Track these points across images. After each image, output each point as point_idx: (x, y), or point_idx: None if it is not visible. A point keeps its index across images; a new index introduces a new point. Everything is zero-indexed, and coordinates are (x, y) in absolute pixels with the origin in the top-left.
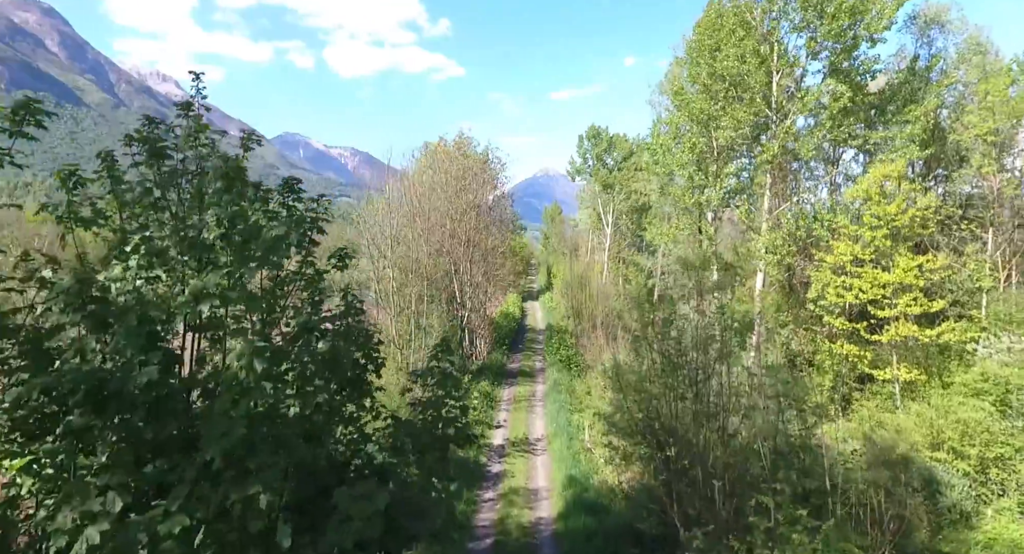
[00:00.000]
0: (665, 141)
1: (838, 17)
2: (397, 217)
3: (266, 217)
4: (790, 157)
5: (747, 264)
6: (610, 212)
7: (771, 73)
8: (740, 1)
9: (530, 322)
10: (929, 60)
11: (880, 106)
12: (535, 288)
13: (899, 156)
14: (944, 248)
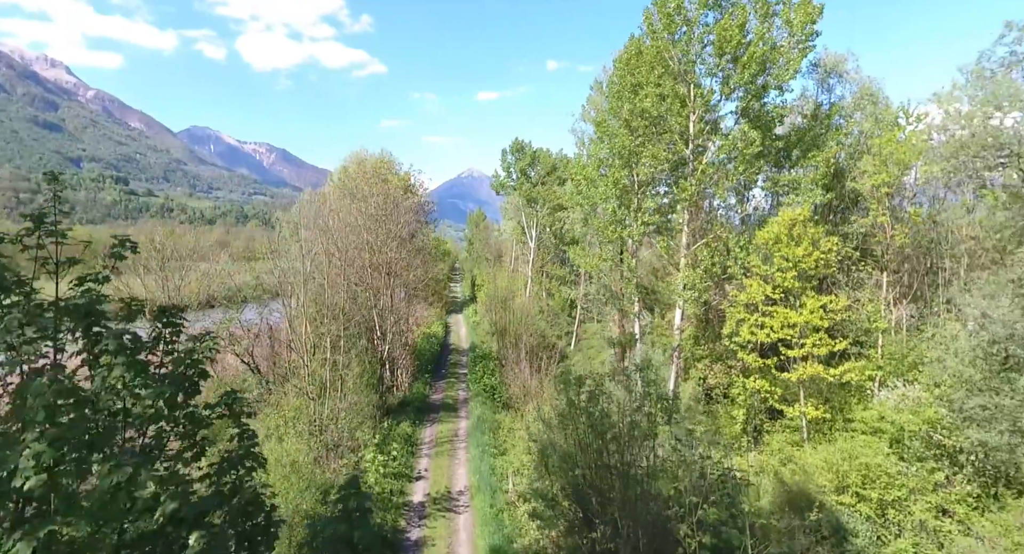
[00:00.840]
0: (588, 173)
1: (749, 66)
2: (311, 256)
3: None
4: (706, 197)
5: (666, 296)
6: (534, 226)
7: (689, 113)
8: (659, 40)
9: (454, 340)
10: (830, 107)
11: (787, 149)
12: (459, 299)
13: (804, 200)
14: (843, 286)
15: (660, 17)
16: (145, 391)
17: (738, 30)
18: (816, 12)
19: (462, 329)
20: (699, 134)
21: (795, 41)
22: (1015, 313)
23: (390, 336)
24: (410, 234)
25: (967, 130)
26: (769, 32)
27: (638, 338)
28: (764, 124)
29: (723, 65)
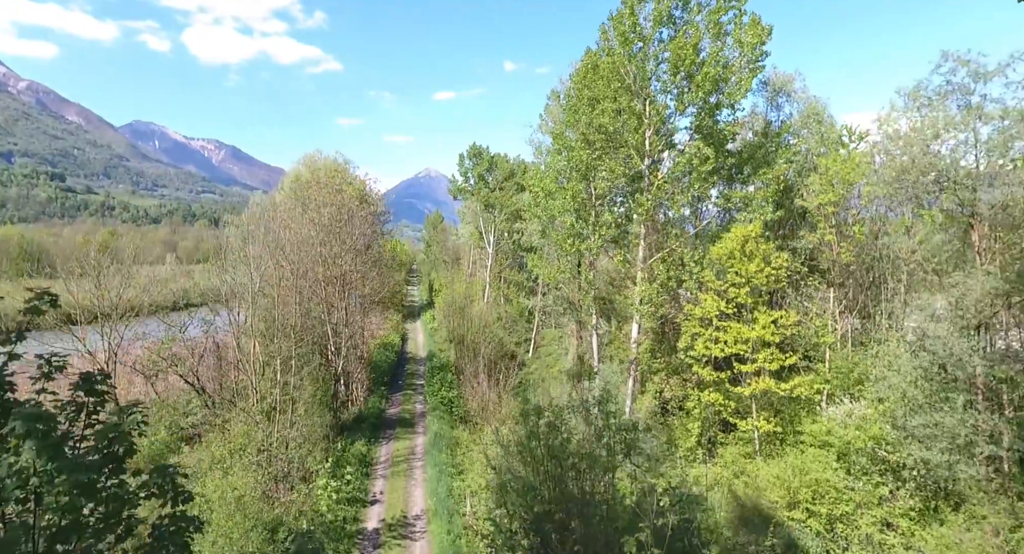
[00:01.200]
0: (546, 185)
1: (703, 85)
2: (260, 271)
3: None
4: (661, 210)
5: (623, 309)
6: (492, 232)
7: (644, 129)
8: (615, 56)
9: (411, 348)
10: (780, 126)
11: (739, 165)
12: (416, 303)
13: (756, 216)
14: (792, 300)
15: (616, 34)
16: (60, 477)
17: (692, 50)
18: (765, 33)
19: (419, 336)
20: (655, 149)
21: (746, 61)
22: (954, 336)
23: (344, 351)
24: (365, 245)
25: (907, 155)
26: (721, 52)
27: (596, 356)
28: (717, 141)
29: (678, 82)
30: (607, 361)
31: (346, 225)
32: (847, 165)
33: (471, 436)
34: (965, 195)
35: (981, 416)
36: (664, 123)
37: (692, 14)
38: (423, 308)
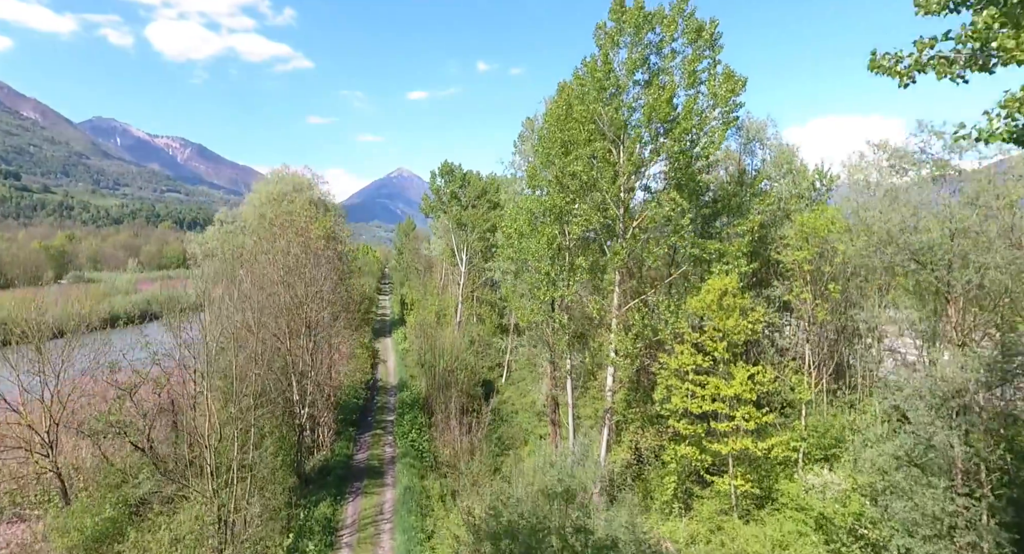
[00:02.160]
0: (519, 226)
1: (679, 140)
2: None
3: None
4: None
5: (598, 354)
6: (464, 250)
7: (619, 180)
8: (589, 103)
9: (382, 374)
10: (754, 175)
11: (714, 215)
12: (388, 316)
13: (731, 268)
14: (767, 352)
15: (590, 80)
16: None
17: (666, 103)
18: (739, 85)
19: (391, 358)
20: (629, 198)
21: (719, 113)
22: (936, 423)
23: (310, 398)
24: (333, 286)
25: (883, 226)
26: (696, 103)
27: (571, 412)
28: (692, 191)
29: (653, 132)
30: (582, 399)
31: (312, 269)
32: (822, 220)
33: (443, 487)
34: (940, 273)
35: (961, 500)
36: (638, 170)
37: (666, 61)
38: (394, 324)
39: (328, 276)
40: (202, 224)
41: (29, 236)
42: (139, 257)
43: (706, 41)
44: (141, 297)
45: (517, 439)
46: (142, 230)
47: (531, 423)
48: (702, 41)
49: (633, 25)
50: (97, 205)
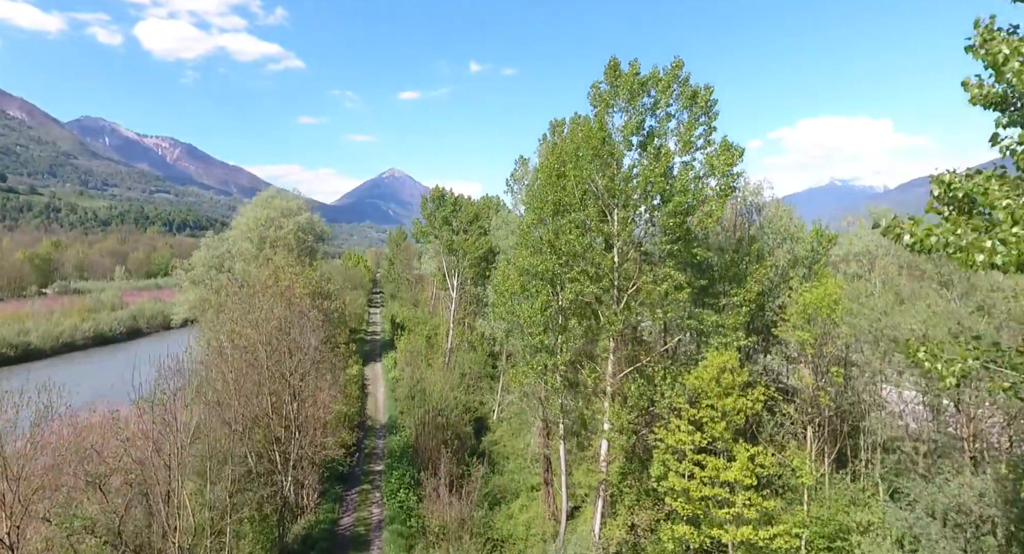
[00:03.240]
0: (511, 286)
1: (674, 215)
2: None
3: None
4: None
5: (592, 422)
6: (455, 276)
7: (613, 254)
8: (583, 169)
9: (371, 408)
10: (749, 244)
11: (710, 284)
12: (378, 335)
13: (730, 341)
14: (767, 429)
15: (584, 146)
16: None
17: (662, 177)
18: (737, 155)
19: (380, 389)
20: (624, 270)
21: (717, 186)
22: (950, 546)
23: (294, 468)
24: (319, 343)
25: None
26: (692, 172)
27: (564, 480)
28: (688, 266)
29: (649, 203)
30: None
31: (298, 334)
32: (824, 301)
33: None
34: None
35: None
36: (632, 239)
37: (662, 123)
38: (384, 347)
39: (315, 333)
40: (191, 226)
41: (14, 243)
42: (126, 264)
43: (701, 107)
44: (127, 313)
45: (508, 490)
46: (130, 235)
47: (523, 472)
48: (697, 107)
49: (627, 89)
50: (85, 207)
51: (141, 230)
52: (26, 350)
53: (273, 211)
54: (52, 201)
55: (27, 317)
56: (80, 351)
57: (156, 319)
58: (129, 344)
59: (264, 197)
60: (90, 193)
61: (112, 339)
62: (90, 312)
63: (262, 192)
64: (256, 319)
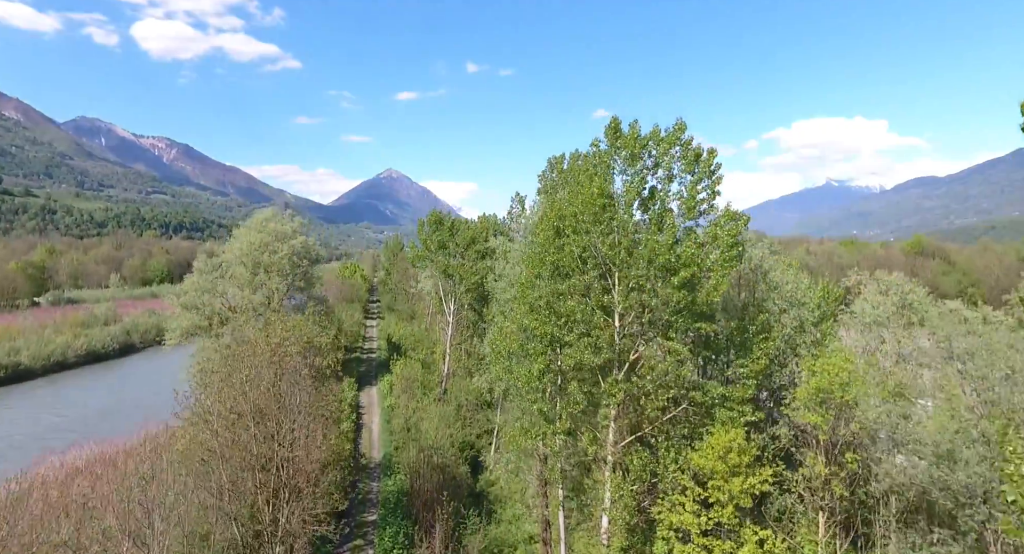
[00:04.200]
0: (511, 345)
1: (679, 290)
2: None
3: None
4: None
5: (593, 493)
6: (452, 300)
7: (612, 328)
8: (582, 236)
9: (365, 444)
10: (755, 315)
11: (715, 354)
12: (375, 354)
13: (736, 415)
14: (775, 506)
15: (586, 209)
16: None
17: (668, 249)
18: (742, 223)
19: (375, 419)
20: (625, 343)
21: (721, 258)
22: None
23: (282, 542)
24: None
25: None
26: (695, 242)
27: None
28: (693, 339)
29: (651, 276)
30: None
31: (288, 397)
32: (836, 377)
33: None
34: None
35: None
36: (635, 312)
37: (665, 184)
38: (380, 367)
39: (306, 393)
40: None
41: (8, 251)
42: (121, 271)
43: (704, 172)
44: (120, 328)
45: (506, 543)
46: (125, 240)
47: (520, 520)
48: (700, 172)
49: (628, 150)
50: (81, 208)
51: (137, 233)
52: (16, 371)
53: (268, 235)
54: (48, 203)
55: (18, 334)
56: (72, 370)
57: (150, 334)
58: (122, 361)
59: (259, 220)
60: (86, 195)
61: (104, 356)
62: (83, 328)
63: (257, 214)
64: (243, 381)
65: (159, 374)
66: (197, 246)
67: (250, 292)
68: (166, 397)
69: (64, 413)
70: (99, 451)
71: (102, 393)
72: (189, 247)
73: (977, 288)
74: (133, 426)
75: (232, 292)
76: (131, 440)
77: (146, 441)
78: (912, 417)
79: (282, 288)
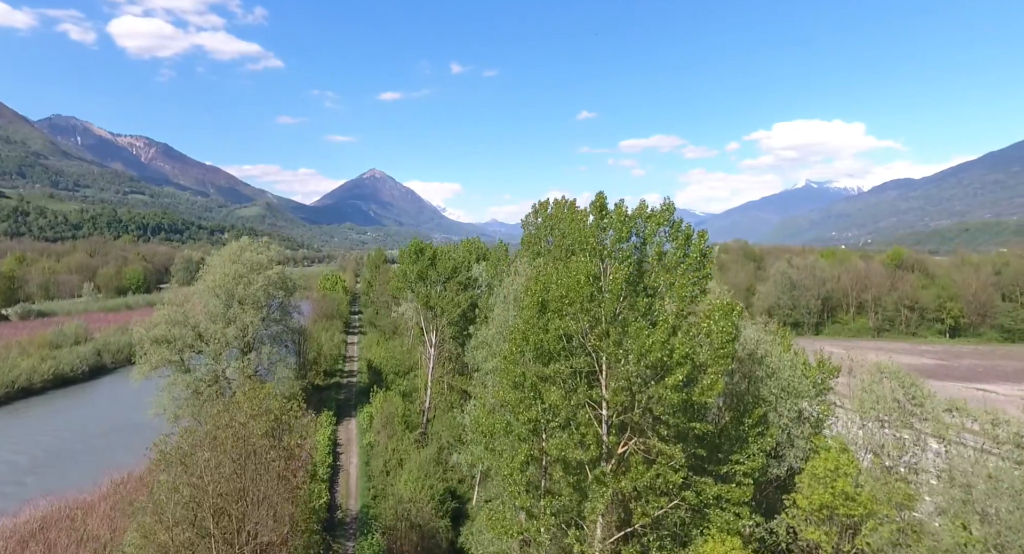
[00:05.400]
0: (493, 426)
1: (674, 389)
2: None
3: None
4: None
5: None
6: (434, 332)
7: (600, 411)
8: (566, 320)
9: (342, 492)
10: (752, 407)
11: (711, 454)
12: (356, 380)
13: (732, 518)
14: None
15: (571, 294)
16: None
17: (660, 347)
18: (737, 314)
19: (353, 459)
20: (613, 441)
21: (715, 356)
22: None
23: None
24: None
25: None
26: (689, 336)
27: None
28: (685, 439)
29: (641, 371)
30: None
31: (252, 487)
32: (840, 491)
33: None
34: None
35: None
36: (623, 410)
37: (654, 263)
38: (361, 393)
39: (274, 483)
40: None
41: None
42: (95, 280)
43: (695, 258)
44: (91, 348)
45: None
46: (100, 246)
47: None
48: (691, 257)
49: (615, 229)
50: (55, 210)
51: (114, 235)
52: None
53: (242, 267)
54: (20, 205)
55: None
56: (38, 396)
57: (122, 353)
58: (92, 385)
59: (235, 249)
60: (60, 196)
61: (73, 380)
62: (51, 348)
63: (232, 243)
64: (202, 470)
65: (128, 400)
66: (175, 251)
67: (223, 325)
68: (132, 431)
69: (24, 449)
70: (56, 507)
71: (67, 424)
72: (167, 253)
73: (955, 303)
74: (96, 468)
75: (204, 325)
76: (92, 492)
77: (108, 494)
78: (924, 541)
79: (256, 322)
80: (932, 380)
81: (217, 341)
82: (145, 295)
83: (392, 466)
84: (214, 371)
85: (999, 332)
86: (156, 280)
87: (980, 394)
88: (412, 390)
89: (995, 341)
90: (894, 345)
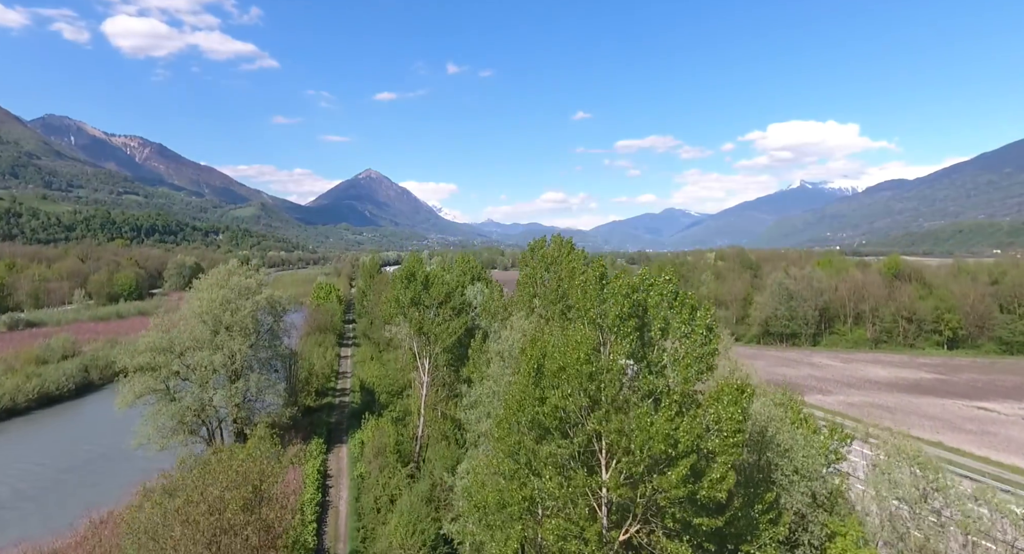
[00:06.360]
0: (488, 497)
1: (681, 485)
2: None
3: None
4: None
5: None
6: (426, 357)
7: (600, 497)
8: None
9: (330, 533)
10: (764, 491)
11: (719, 549)
12: (348, 400)
13: None
14: None
15: (570, 368)
16: None
17: (663, 440)
18: (748, 398)
19: (343, 493)
20: (614, 535)
21: (725, 444)
22: None
23: None
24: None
25: None
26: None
27: None
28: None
29: (644, 460)
30: None
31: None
32: None
33: None
34: None
35: None
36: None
37: (659, 340)
38: (353, 416)
39: (251, 546)
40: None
41: None
42: (87, 287)
43: (700, 333)
44: (78, 364)
45: None
46: (92, 250)
47: None
48: (696, 332)
49: (616, 302)
50: (48, 211)
51: (107, 237)
52: None
53: (230, 292)
54: (12, 206)
55: None
56: (22, 416)
57: (110, 369)
58: (79, 403)
59: (223, 273)
60: (54, 196)
61: (59, 398)
62: (38, 364)
63: (220, 267)
64: (173, 550)
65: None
66: (168, 255)
67: (210, 353)
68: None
69: (2, 479)
70: None
71: (49, 448)
72: (160, 257)
73: (953, 314)
74: (76, 503)
75: (191, 353)
76: (68, 535)
77: (87, 538)
78: None
79: (245, 348)
80: (931, 397)
81: (204, 369)
82: (137, 302)
83: (383, 503)
84: (201, 400)
85: (997, 344)
86: (149, 285)
87: (981, 413)
88: (405, 414)
89: (993, 353)
90: (892, 357)
